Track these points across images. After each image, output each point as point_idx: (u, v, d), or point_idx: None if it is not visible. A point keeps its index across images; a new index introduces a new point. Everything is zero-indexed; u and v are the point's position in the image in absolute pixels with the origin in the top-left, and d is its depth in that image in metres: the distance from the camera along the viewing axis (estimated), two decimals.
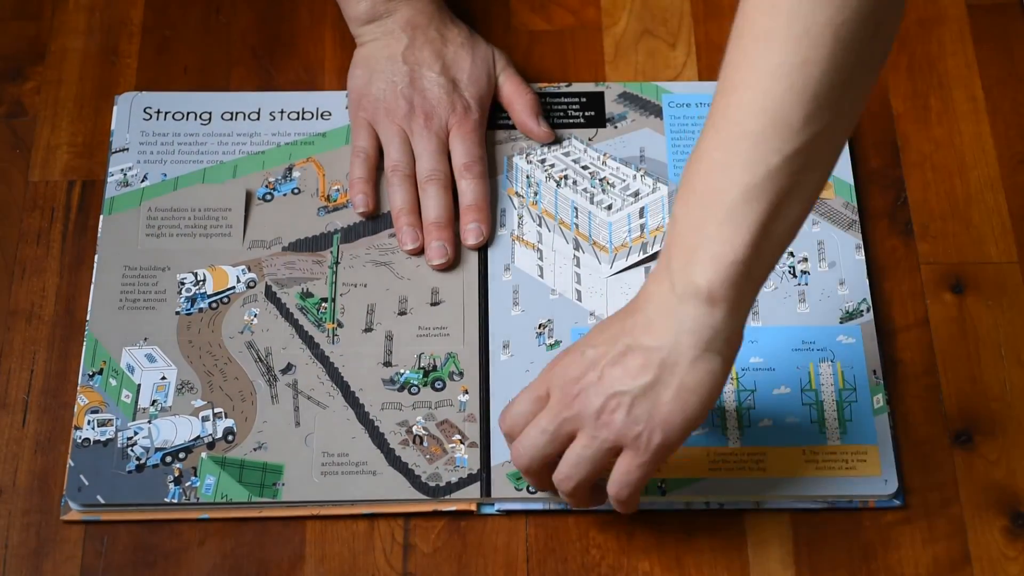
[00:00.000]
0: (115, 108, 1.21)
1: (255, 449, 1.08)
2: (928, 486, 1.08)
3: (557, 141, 1.20)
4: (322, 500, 1.06)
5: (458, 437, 1.09)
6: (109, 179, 1.18)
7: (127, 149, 1.20)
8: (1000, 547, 1.06)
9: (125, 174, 1.19)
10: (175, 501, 1.06)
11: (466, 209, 1.16)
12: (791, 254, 1.15)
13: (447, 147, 1.17)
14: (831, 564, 1.05)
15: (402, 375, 1.11)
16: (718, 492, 1.06)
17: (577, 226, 1.17)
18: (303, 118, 1.22)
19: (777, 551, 1.06)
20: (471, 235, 1.15)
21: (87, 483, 1.06)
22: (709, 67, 1.25)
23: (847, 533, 1.06)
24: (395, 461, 1.08)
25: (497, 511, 1.07)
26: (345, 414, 1.09)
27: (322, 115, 1.22)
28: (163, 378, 1.11)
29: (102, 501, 1.05)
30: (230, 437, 1.09)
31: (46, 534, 1.06)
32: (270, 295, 1.14)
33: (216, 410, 1.09)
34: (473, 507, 1.07)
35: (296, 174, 1.19)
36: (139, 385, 1.10)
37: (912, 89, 1.24)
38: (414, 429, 1.09)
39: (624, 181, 1.18)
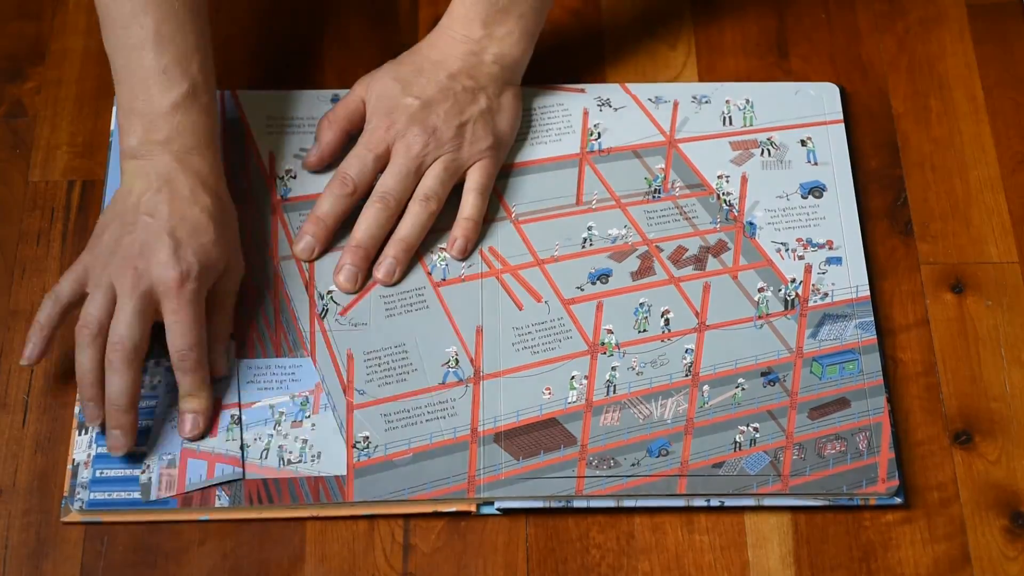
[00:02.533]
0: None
1: None
2: (928, 486, 1.08)
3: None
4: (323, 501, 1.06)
5: None
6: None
7: None
8: (1000, 547, 1.06)
9: None
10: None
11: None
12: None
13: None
14: (831, 564, 1.05)
15: None
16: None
17: None
18: None
19: (777, 550, 1.06)
20: None
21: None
22: (709, 67, 1.25)
23: (847, 532, 1.06)
24: None
25: (497, 511, 1.07)
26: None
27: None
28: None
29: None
30: None
31: (46, 534, 1.06)
32: None
33: None
34: (473, 507, 1.06)
35: None
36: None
37: (912, 89, 1.24)
38: None
39: None
